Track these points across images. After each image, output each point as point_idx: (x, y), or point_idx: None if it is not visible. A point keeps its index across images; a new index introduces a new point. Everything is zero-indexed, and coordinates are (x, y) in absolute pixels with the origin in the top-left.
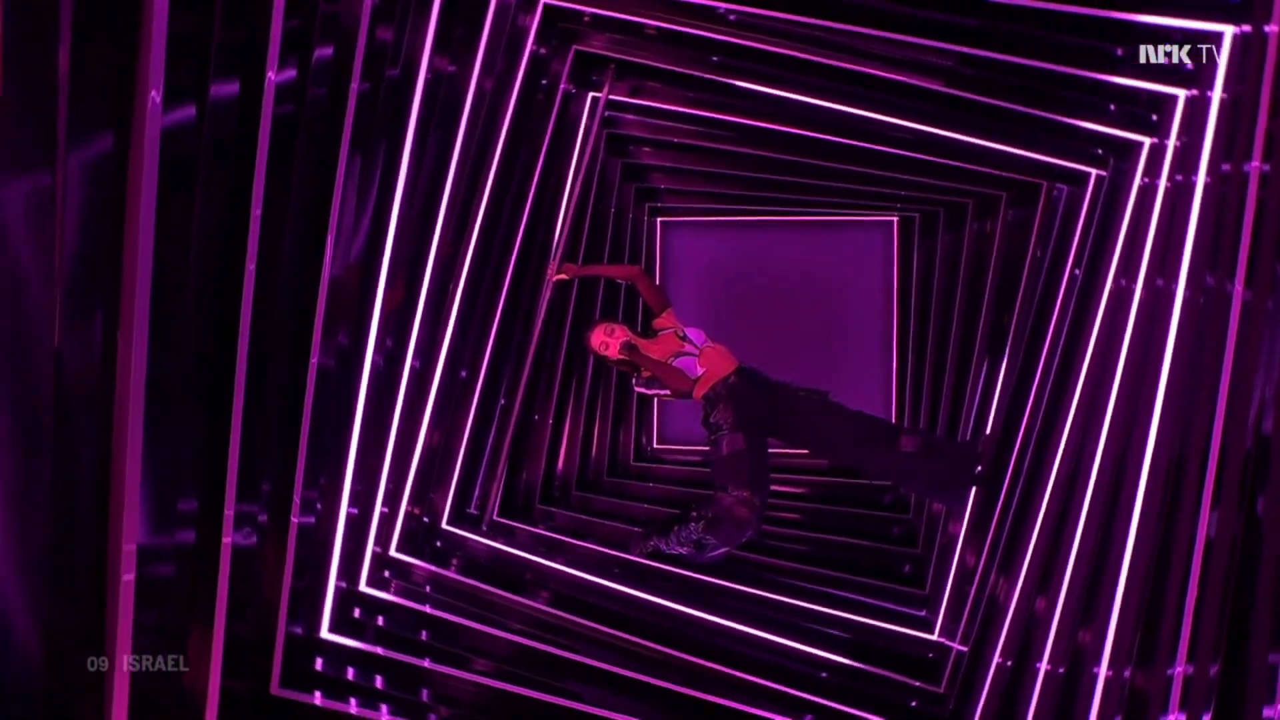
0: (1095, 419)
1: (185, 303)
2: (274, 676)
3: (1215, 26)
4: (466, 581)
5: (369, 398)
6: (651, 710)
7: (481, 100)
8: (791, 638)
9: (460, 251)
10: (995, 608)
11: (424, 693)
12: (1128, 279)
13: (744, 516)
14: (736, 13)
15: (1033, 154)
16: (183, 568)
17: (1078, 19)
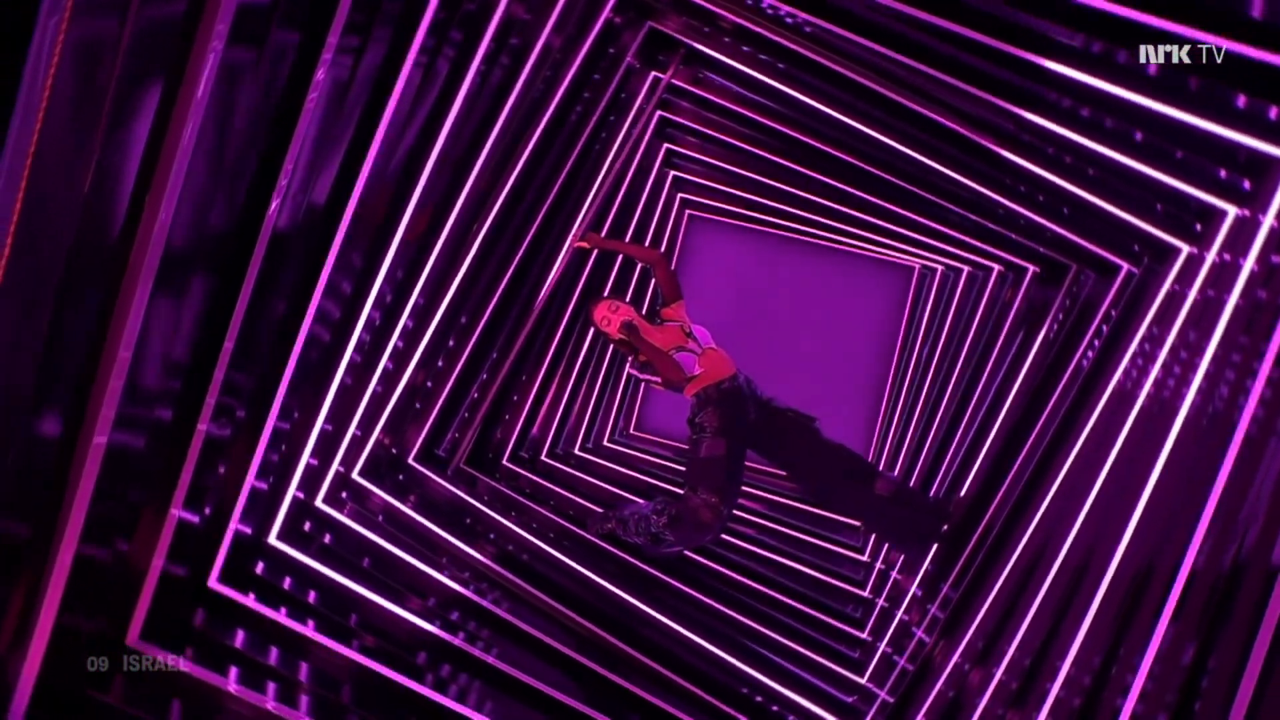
0: (1072, 508)
1: (222, 176)
2: (214, 570)
3: (1274, 149)
4: (419, 520)
5: (368, 321)
6: (567, 682)
7: (548, 54)
8: (721, 646)
9: (492, 196)
10: (929, 668)
11: (353, 617)
12: (1135, 380)
13: (707, 520)
14: (812, 25)
15: (1069, 233)
16: (152, 445)
17: (1151, 115)
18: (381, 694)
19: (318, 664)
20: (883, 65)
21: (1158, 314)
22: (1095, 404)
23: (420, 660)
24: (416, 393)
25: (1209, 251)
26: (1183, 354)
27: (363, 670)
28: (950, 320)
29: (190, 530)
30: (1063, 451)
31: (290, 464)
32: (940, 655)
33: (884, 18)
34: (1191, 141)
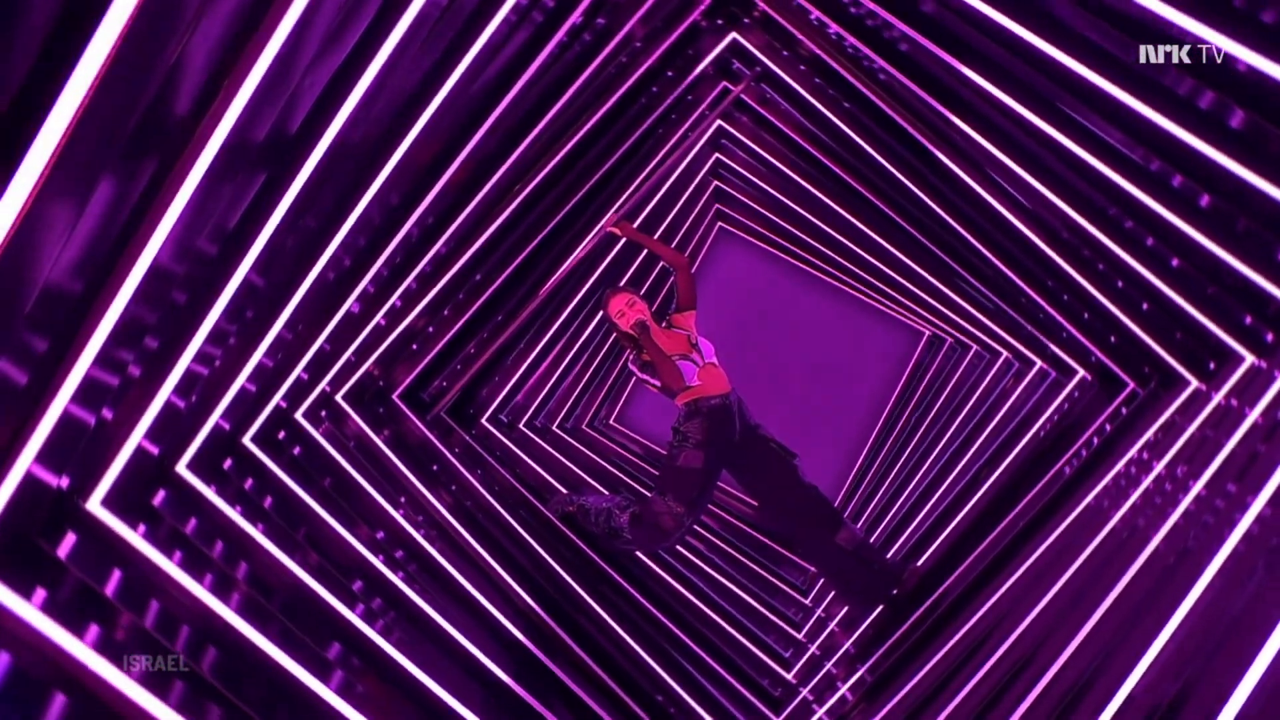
0: (1022, 608)
1: (294, 81)
2: (184, 456)
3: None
4: (388, 454)
5: (389, 258)
6: (494, 648)
7: (629, 41)
8: (649, 652)
9: (538, 166)
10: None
11: (301, 531)
12: (1113, 499)
13: (668, 527)
14: (887, 74)
15: (1084, 338)
16: (162, 324)
17: (1192, 244)
18: (311, 611)
19: (257, 567)
20: (946, 130)
21: (1151, 440)
22: (1069, 512)
23: (356, 588)
24: (416, 335)
25: (1217, 392)
26: (1167, 486)
27: (298, 583)
28: (947, 393)
29: (174, 413)
30: (1026, 550)
31: (282, 373)
32: (858, 718)
33: (960, 85)
34: (1226, 280)
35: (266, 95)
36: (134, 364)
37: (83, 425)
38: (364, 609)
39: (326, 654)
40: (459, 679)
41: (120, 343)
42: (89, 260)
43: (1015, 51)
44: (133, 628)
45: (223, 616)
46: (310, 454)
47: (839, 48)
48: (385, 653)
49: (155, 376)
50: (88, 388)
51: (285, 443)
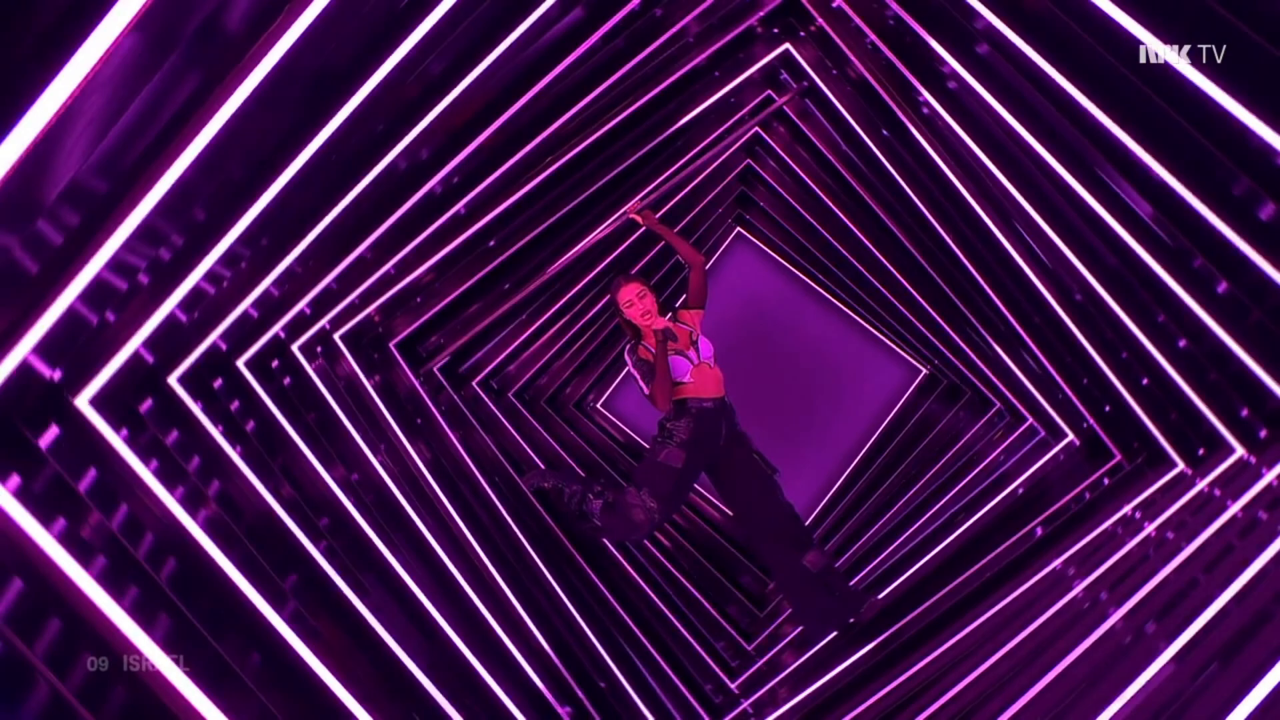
0: (972, 661)
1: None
2: (177, 369)
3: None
4: (375, 400)
5: (409, 210)
6: (444, 604)
7: (681, 35)
8: (598, 636)
9: (570, 144)
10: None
11: (279, 460)
12: (1078, 569)
13: (639, 521)
14: (931, 109)
15: (1079, 402)
16: (181, 238)
17: (1202, 327)
18: (274, 539)
19: (229, 487)
20: (980, 174)
21: (1128, 515)
22: (1034, 573)
23: (322, 524)
24: (422, 290)
25: (1202, 479)
26: (1135, 566)
27: (266, 510)
28: (934, 434)
29: (175, 326)
30: (985, 604)
31: (286, 304)
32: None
33: (1001, 132)
34: (1229, 369)
35: (326, 27)
36: (144, 273)
37: (85, 323)
38: (326, 545)
39: (284, 584)
40: (408, 630)
41: (134, 249)
42: (119, 162)
43: (1061, 107)
44: (99, 527)
45: (188, 529)
46: (300, 387)
47: (889, 74)
48: (341, 593)
49: (163, 288)
50: (96, 288)
51: (277, 372)
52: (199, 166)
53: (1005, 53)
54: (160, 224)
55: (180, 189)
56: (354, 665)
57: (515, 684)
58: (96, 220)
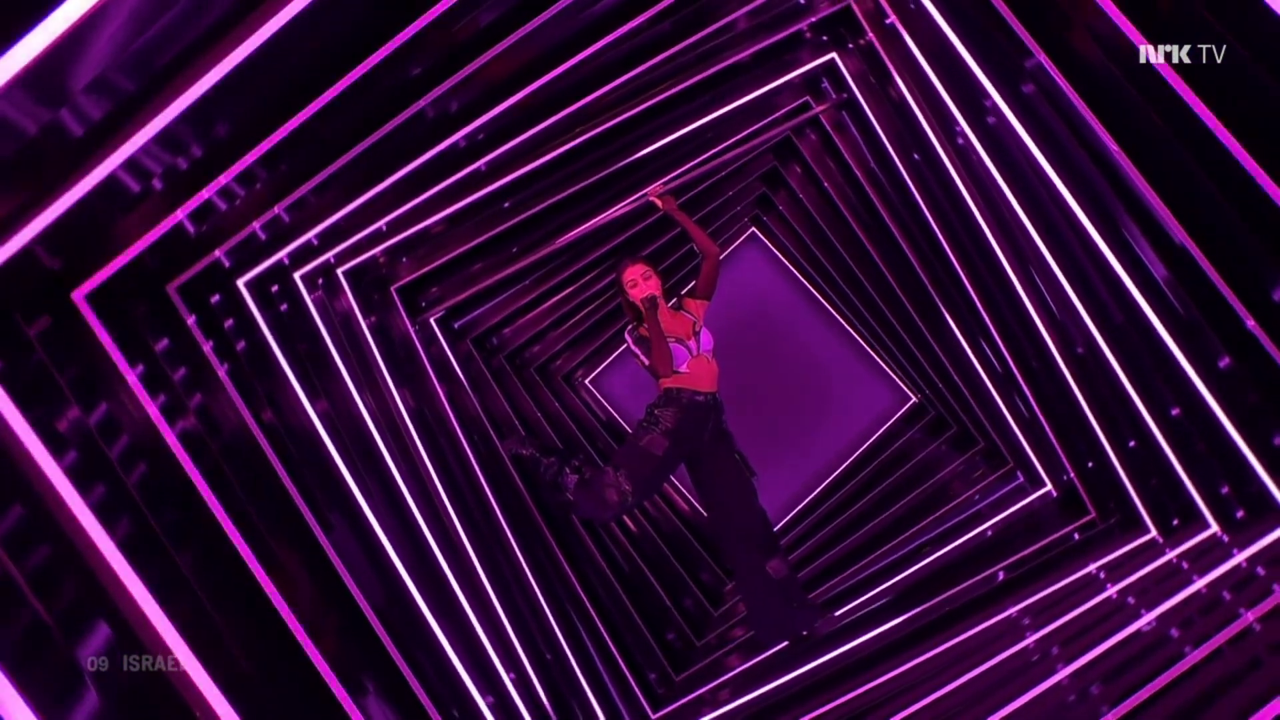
0: (917, 692)
1: None
2: (178, 279)
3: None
4: (369, 340)
5: (429, 159)
6: (406, 550)
7: (729, 29)
8: (553, 610)
9: (605, 118)
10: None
11: (263, 384)
12: (1034, 619)
13: (611, 501)
14: (966, 140)
15: (1062, 453)
16: (202, 149)
17: (1197, 399)
18: (249, 460)
19: (210, 403)
20: (1004, 214)
21: (1093, 573)
22: (990, 617)
23: (294, 455)
24: (430, 239)
25: (1172, 550)
26: (1090, 626)
27: (244, 431)
28: (913, 463)
29: (181, 235)
30: (936, 639)
31: (296, 232)
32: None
33: (1033, 174)
34: (1218, 444)
35: None
36: (159, 179)
37: (94, 219)
38: (300, 482)
39: (249, 506)
40: (366, 574)
41: (152, 154)
42: (152, 62)
43: (1096, 159)
44: (77, 422)
45: (164, 438)
46: (296, 315)
47: (930, 100)
48: (305, 524)
49: (175, 196)
50: (109, 186)
51: (276, 297)
52: (231, 81)
53: (1050, 95)
54: (182, 132)
55: (208, 100)
56: (307, 598)
57: (464, 644)
58: (120, 118)
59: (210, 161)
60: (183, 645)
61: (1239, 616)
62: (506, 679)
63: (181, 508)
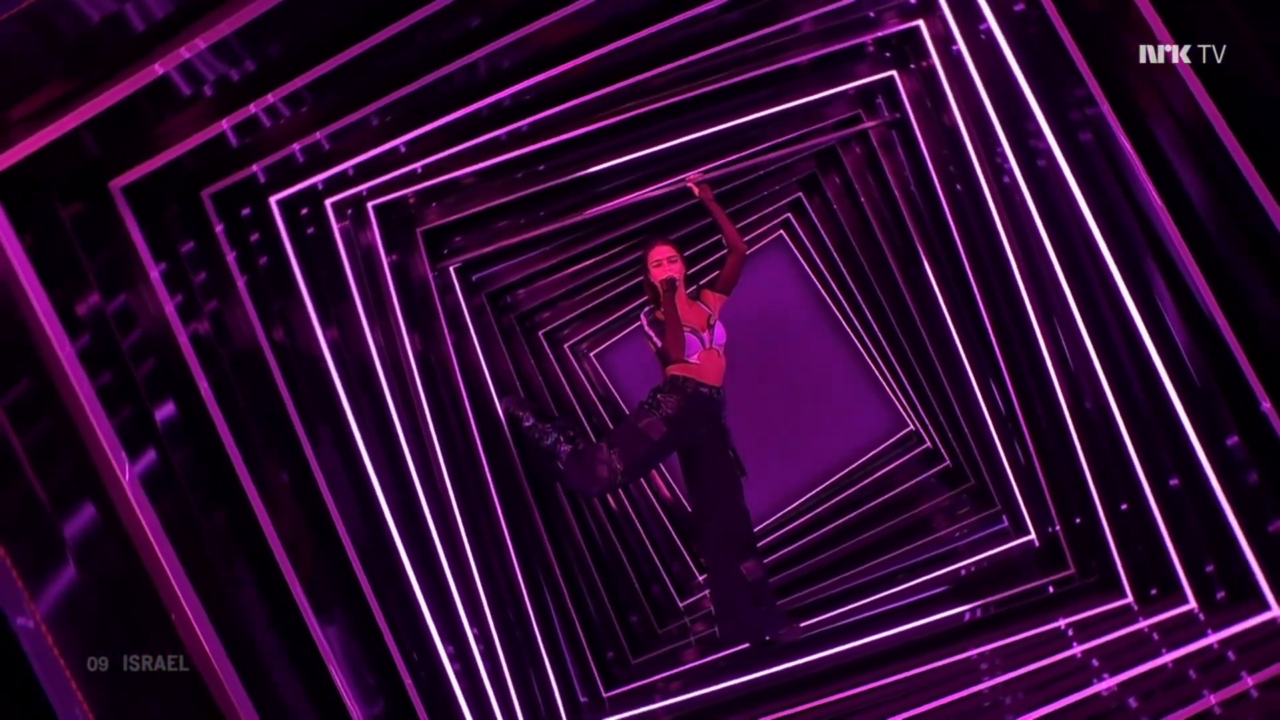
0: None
1: None
2: (212, 186)
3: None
4: (388, 277)
5: (475, 111)
6: (392, 491)
7: (793, 30)
8: (526, 581)
9: (655, 98)
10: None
11: (279, 302)
12: (992, 665)
13: (600, 476)
14: (1011, 178)
15: (1054, 506)
16: (253, 64)
17: (1199, 475)
18: (253, 373)
19: (225, 311)
20: (1036, 257)
21: (1061, 628)
22: (949, 655)
23: (299, 377)
24: (463, 189)
25: (1146, 619)
26: (1049, 682)
27: (254, 344)
28: (901, 488)
29: (223, 144)
30: (895, 667)
31: (333, 160)
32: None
33: (1072, 220)
34: (1210, 522)
35: None
36: (210, 86)
37: (141, 114)
38: (301, 405)
39: (247, 418)
40: (349, 505)
41: (207, 61)
42: None
43: (1141, 219)
44: (95, 308)
45: (176, 337)
46: (321, 241)
47: (983, 133)
48: (298, 445)
49: (224, 106)
50: (161, 84)
51: (304, 220)
52: (293, 3)
53: (1105, 147)
54: (238, 45)
55: (268, 18)
56: (289, 518)
57: (434, 590)
58: (180, 21)
59: (262, 78)
60: (164, 540)
61: (1201, 698)
62: (470, 632)
63: (182, 407)
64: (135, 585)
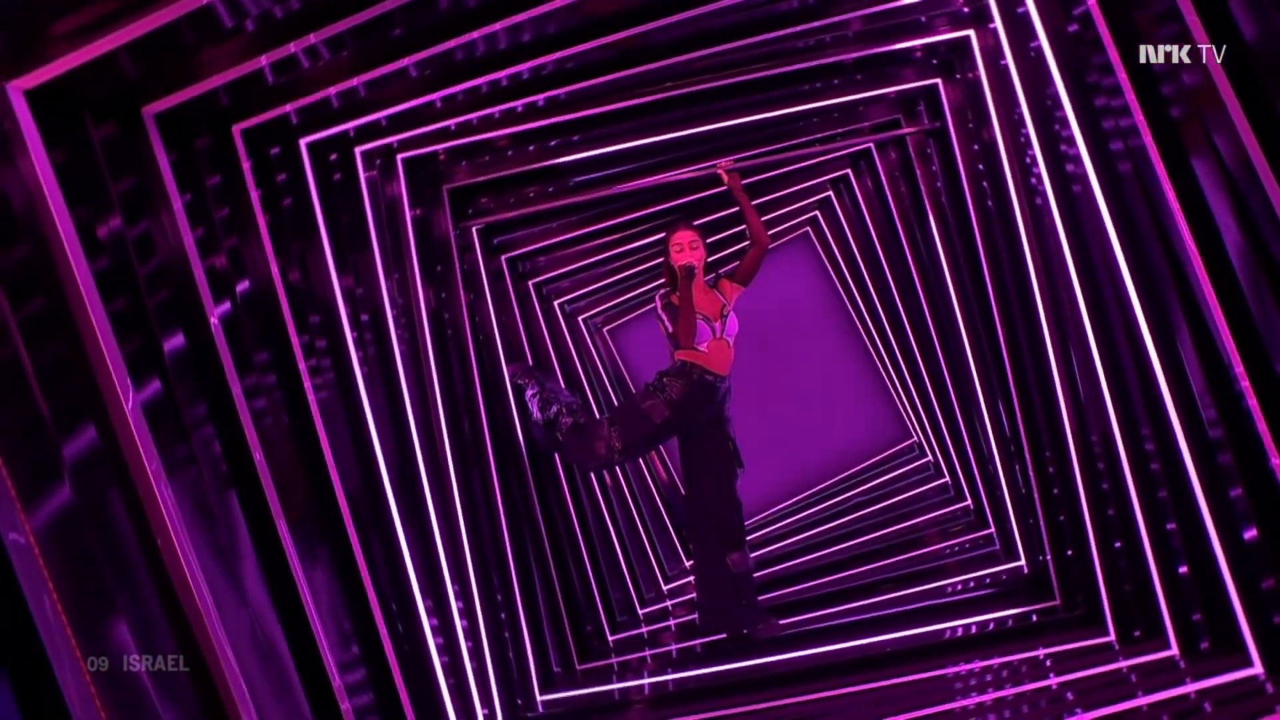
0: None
1: None
2: (245, 122)
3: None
4: (409, 230)
5: (514, 74)
6: (389, 442)
7: (842, 26)
8: (510, 530)
9: (697, 80)
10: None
11: (298, 244)
12: (965, 685)
13: (599, 452)
14: (1045, 199)
15: (1047, 537)
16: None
17: (1197, 524)
18: (263, 311)
19: (244, 248)
20: (1062, 292)
21: (1040, 658)
22: (923, 671)
23: (313, 320)
24: (494, 151)
25: (1125, 660)
26: (1019, 709)
27: (268, 283)
28: (896, 500)
29: (259, 80)
30: (867, 675)
31: (368, 109)
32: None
33: (1103, 265)
34: (1203, 571)
35: None
36: (252, 20)
37: (182, 42)
38: (307, 342)
39: (252, 354)
40: (347, 452)
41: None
42: None
43: (1169, 254)
44: (115, 232)
45: (193, 269)
46: (346, 188)
47: (1020, 152)
48: (302, 388)
49: (265, 42)
50: (205, 13)
51: (332, 165)
52: None
53: (1142, 180)
54: None
55: None
56: (285, 456)
57: (420, 545)
58: None
59: (305, 17)
60: (158, 463)
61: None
62: (450, 589)
63: (190, 338)
64: (129, 512)
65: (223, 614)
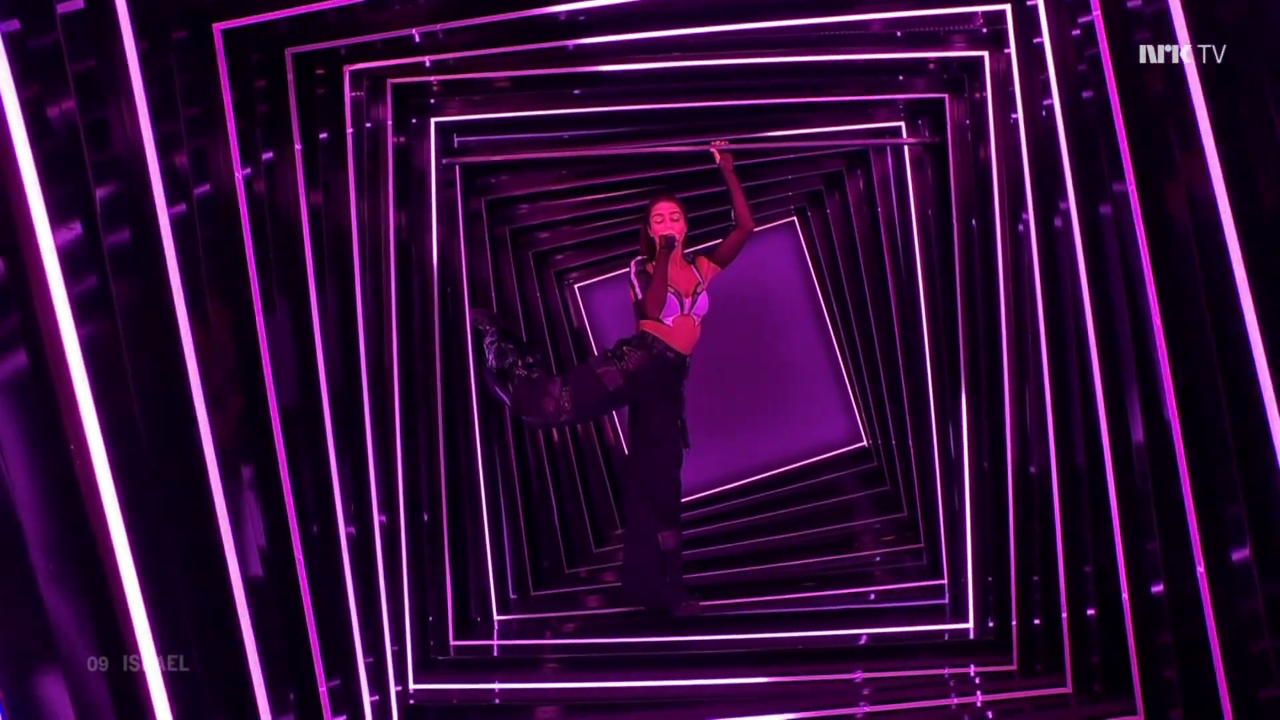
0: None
1: None
2: (227, 21)
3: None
4: (389, 162)
5: (528, 17)
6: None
7: (865, 25)
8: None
9: (709, 53)
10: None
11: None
12: (871, 697)
13: (546, 410)
14: (1027, 228)
15: (1014, 601)
16: None
17: (1192, 594)
18: (220, 220)
19: (209, 151)
20: (1028, 324)
21: (940, 677)
22: (831, 673)
23: (271, 233)
24: (492, 91)
25: (1021, 693)
26: None
27: (229, 193)
28: (836, 499)
29: None
30: (772, 668)
31: (363, 29)
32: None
33: (1071, 304)
34: (1187, 639)
35: None
36: None
37: None
38: (264, 254)
39: (200, 261)
40: (289, 370)
41: None
42: None
43: (1134, 305)
44: (67, 113)
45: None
46: (329, 104)
47: (1013, 178)
48: (251, 300)
49: None
50: None
51: (316, 79)
52: None
53: (1121, 227)
54: None
55: None
56: (222, 370)
57: (354, 479)
58: None
59: None
60: (84, 372)
61: None
62: (376, 522)
63: (136, 231)
64: (43, 391)
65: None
